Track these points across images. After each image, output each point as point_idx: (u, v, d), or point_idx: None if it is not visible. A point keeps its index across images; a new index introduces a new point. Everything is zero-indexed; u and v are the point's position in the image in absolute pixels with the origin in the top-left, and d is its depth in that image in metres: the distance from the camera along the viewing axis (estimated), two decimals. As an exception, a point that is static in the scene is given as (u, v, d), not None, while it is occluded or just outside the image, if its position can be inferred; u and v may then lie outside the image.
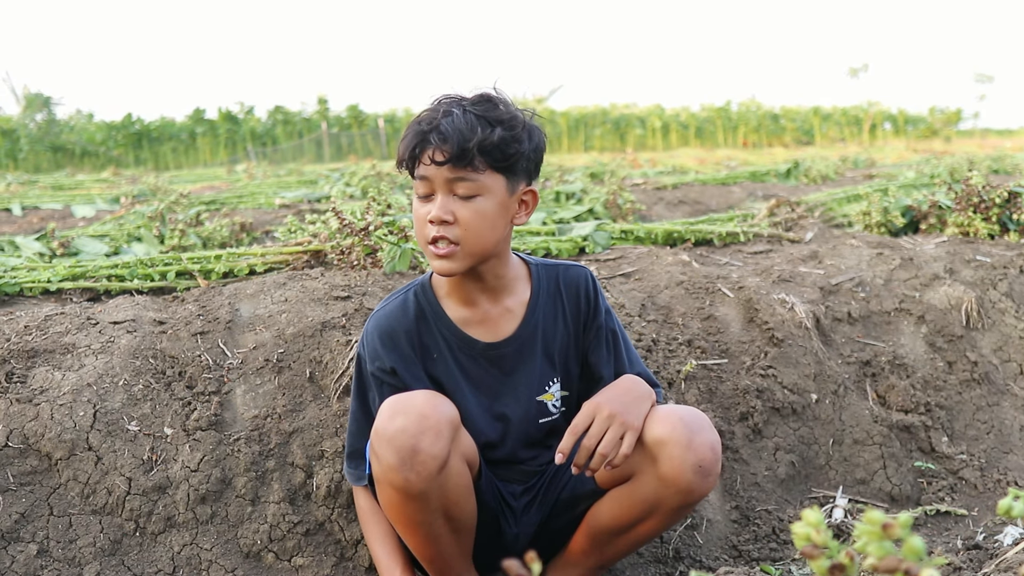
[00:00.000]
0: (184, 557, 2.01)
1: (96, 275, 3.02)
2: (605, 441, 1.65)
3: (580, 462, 1.67)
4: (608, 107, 29.58)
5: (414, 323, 1.78)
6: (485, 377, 1.80)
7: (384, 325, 1.78)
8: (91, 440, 2.08)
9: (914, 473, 2.56)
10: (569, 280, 1.87)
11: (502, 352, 1.80)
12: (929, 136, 30.04)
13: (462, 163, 1.62)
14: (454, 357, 1.78)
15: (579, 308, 1.86)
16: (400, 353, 1.76)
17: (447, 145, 1.60)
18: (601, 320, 1.88)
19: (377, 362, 1.76)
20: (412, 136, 1.65)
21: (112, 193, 8.58)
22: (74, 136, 24.00)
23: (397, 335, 1.76)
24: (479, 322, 1.79)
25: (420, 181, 1.66)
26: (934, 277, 3.18)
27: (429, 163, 1.63)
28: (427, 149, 1.63)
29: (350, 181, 7.18)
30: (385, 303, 1.84)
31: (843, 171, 9.85)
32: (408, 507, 1.61)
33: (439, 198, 1.64)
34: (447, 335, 1.78)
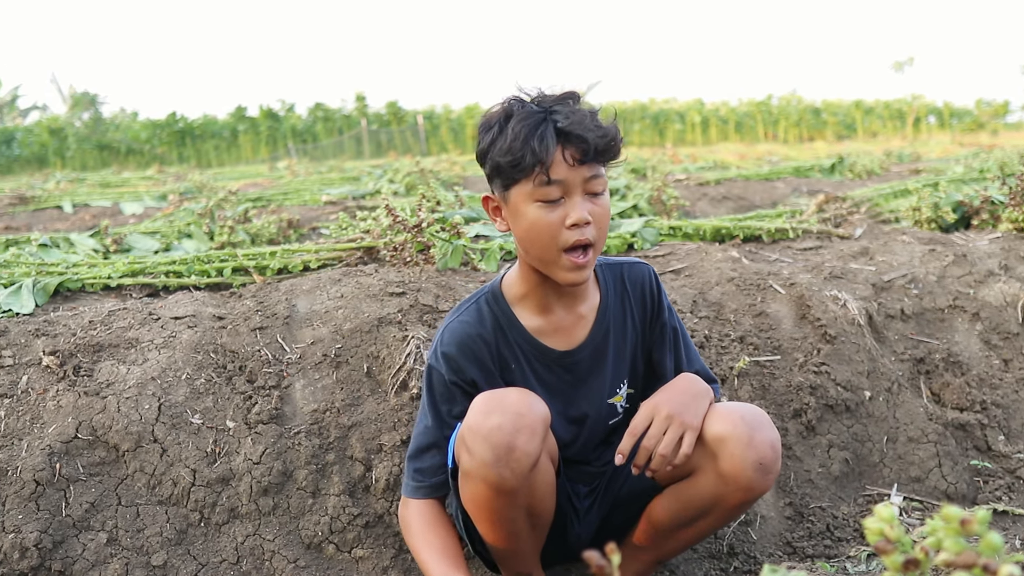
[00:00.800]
0: (247, 547, 2.06)
1: (154, 271, 3.09)
2: (665, 442, 1.65)
3: (640, 463, 1.67)
4: (647, 102, 29.41)
5: (492, 334, 1.74)
6: (559, 384, 1.80)
7: (463, 337, 1.73)
8: (156, 432, 2.14)
9: (970, 472, 2.54)
10: (634, 278, 1.86)
11: (576, 359, 1.80)
12: (975, 129, 29.45)
13: (599, 160, 1.59)
14: (530, 365, 1.77)
15: (645, 306, 1.86)
16: (480, 365, 1.73)
17: (589, 142, 1.55)
18: (665, 317, 1.88)
19: (459, 374, 1.72)
20: (548, 136, 1.56)
21: (159, 190, 8.74)
22: (119, 134, 24.44)
23: (477, 346, 1.73)
24: (553, 330, 1.78)
25: (552, 186, 1.57)
26: (988, 274, 3.14)
27: (571, 163, 1.56)
28: (565, 148, 1.56)
29: (394, 178, 7.24)
30: (457, 313, 1.78)
31: (888, 166, 9.72)
32: (497, 503, 1.60)
33: (576, 200, 1.59)
34: (522, 344, 1.76)
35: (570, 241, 1.60)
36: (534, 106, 1.60)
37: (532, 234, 1.62)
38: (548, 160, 1.56)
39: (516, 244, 1.71)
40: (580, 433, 1.84)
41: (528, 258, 1.69)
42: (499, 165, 1.60)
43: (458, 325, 1.75)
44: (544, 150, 1.55)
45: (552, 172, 1.57)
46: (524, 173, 1.58)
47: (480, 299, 1.79)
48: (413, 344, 2.31)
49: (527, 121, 1.57)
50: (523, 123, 1.57)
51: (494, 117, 1.63)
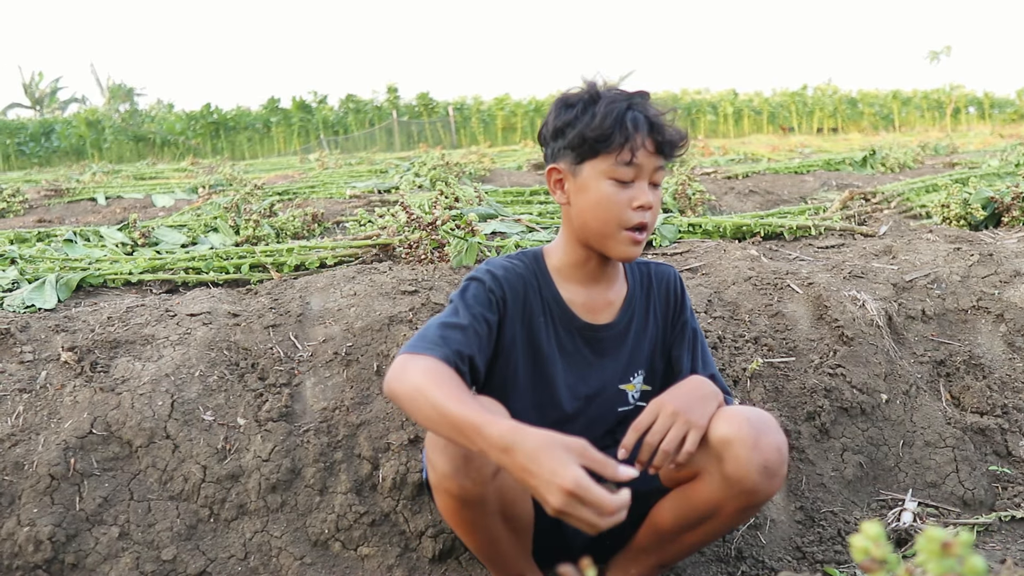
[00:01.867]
0: (255, 544, 2.08)
1: (174, 267, 3.13)
2: (668, 438, 1.65)
3: (643, 458, 1.67)
4: (679, 93, 29.19)
5: (531, 281, 1.80)
6: (576, 354, 1.83)
7: (508, 269, 1.78)
8: (169, 429, 2.17)
9: (988, 477, 2.50)
10: (660, 278, 1.93)
11: (598, 335, 1.84)
12: (1017, 120, 28.87)
13: (669, 155, 1.71)
14: (553, 326, 1.81)
15: (668, 305, 1.92)
16: (515, 297, 1.76)
17: (672, 136, 1.68)
18: (686, 317, 1.93)
19: (498, 290, 1.73)
20: (640, 120, 1.67)
21: (190, 183, 8.83)
22: (155, 126, 24.75)
23: (519, 283, 1.78)
24: (581, 304, 1.83)
25: (630, 167, 1.67)
26: (1015, 274, 3.07)
27: (652, 150, 1.67)
28: (651, 135, 1.67)
29: (419, 171, 7.24)
30: (504, 256, 1.85)
31: (922, 159, 9.55)
32: (466, 512, 1.63)
33: (643, 186, 1.69)
34: (552, 305, 1.81)
35: (633, 221, 1.69)
36: (617, 93, 1.70)
37: (598, 208, 1.70)
38: (635, 140, 1.66)
39: (570, 217, 1.78)
40: (585, 410, 1.85)
41: (584, 231, 1.75)
42: (584, 137, 1.68)
43: (504, 260, 1.81)
44: (635, 132, 1.66)
45: (636, 155, 1.67)
46: (608, 148, 1.67)
47: (522, 254, 1.85)
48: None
49: (618, 104, 1.67)
50: (614, 104, 1.67)
51: (576, 96, 1.72)
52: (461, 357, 1.60)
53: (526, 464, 1.34)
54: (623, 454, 1.69)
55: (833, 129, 28.40)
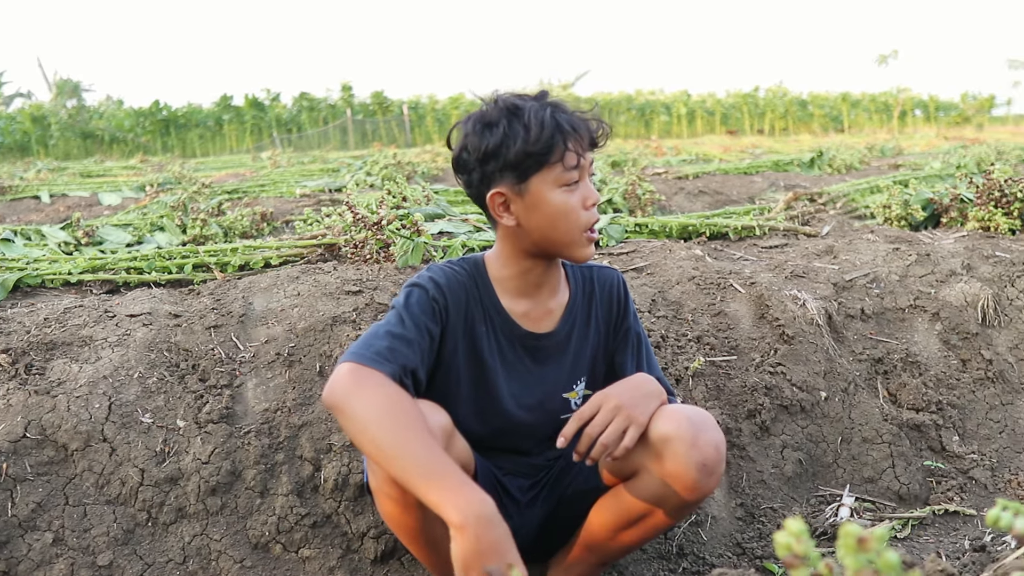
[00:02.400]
0: (194, 547, 2.05)
1: (115, 267, 3.07)
2: (608, 432, 1.66)
3: (582, 449, 1.69)
4: (633, 93, 29.39)
5: (471, 289, 1.79)
6: (518, 363, 1.83)
7: (450, 276, 1.77)
8: (106, 432, 2.13)
9: (923, 472, 2.56)
10: (602, 283, 1.92)
11: (539, 344, 1.83)
12: (961, 123, 29.57)
13: (597, 146, 1.74)
14: (495, 335, 1.80)
15: (611, 311, 1.92)
16: (456, 306, 1.75)
17: (597, 130, 1.71)
18: (630, 322, 1.93)
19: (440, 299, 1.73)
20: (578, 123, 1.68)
21: (138, 181, 8.67)
22: (103, 123, 24.25)
23: (460, 291, 1.77)
24: (521, 314, 1.82)
25: (574, 170, 1.67)
26: (951, 273, 3.15)
27: (585, 148, 1.69)
28: (583, 135, 1.68)
29: (371, 170, 7.20)
30: (446, 262, 1.83)
31: (869, 160, 9.74)
32: (407, 517, 1.61)
33: (588, 183, 1.72)
34: (493, 314, 1.80)
35: (590, 221, 1.71)
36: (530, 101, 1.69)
37: (559, 219, 1.69)
38: (574, 142, 1.67)
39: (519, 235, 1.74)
40: (528, 419, 1.86)
41: (544, 244, 1.73)
42: (528, 153, 1.64)
43: (446, 267, 1.80)
44: (572, 132, 1.66)
45: (584, 156, 1.69)
46: (554, 159, 1.65)
47: (463, 261, 1.84)
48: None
49: (543, 113, 1.65)
50: (540, 114, 1.65)
51: (495, 115, 1.67)
52: (406, 372, 1.59)
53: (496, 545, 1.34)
54: (562, 443, 1.70)
55: (784, 130, 28.82)
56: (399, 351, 1.59)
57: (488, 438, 1.84)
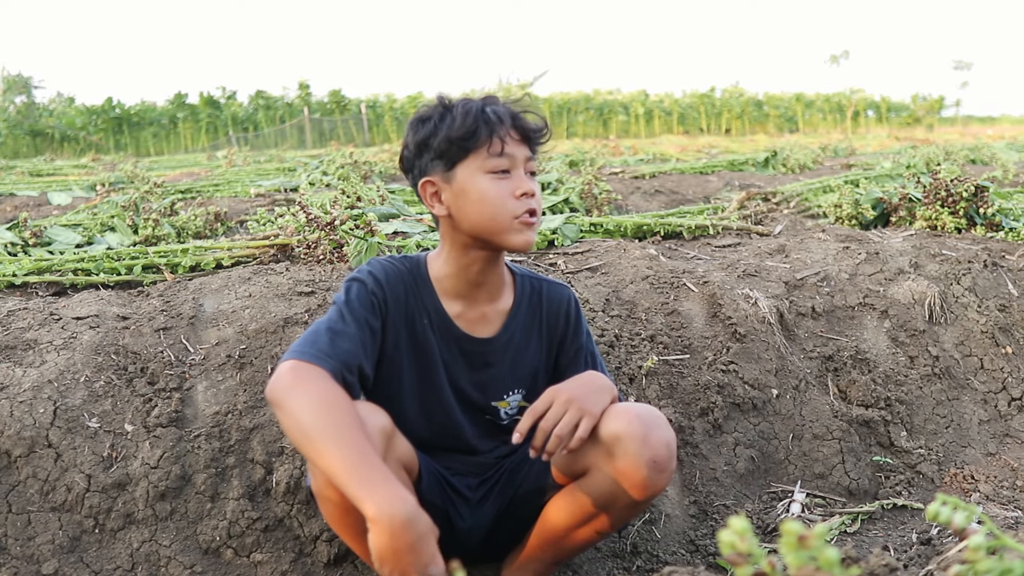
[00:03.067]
0: (143, 554, 2.02)
1: (62, 269, 3.01)
2: (562, 424, 1.67)
3: (538, 444, 1.69)
4: (591, 93, 29.53)
5: (411, 284, 1.79)
6: (453, 363, 1.83)
7: (389, 270, 1.78)
8: (51, 437, 2.08)
9: (872, 467, 2.60)
10: (552, 298, 1.91)
11: (476, 349, 1.83)
12: (912, 124, 30.16)
13: (537, 143, 1.74)
14: (433, 333, 1.80)
15: (557, 327, 1.91)
16: (395, 300, 1.76)
17: (530, 124, 1.71)
18: (581, 342, 1.93)
19: (379, 292, 1.73)
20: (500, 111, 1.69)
21: (89, 180, 8.51)
22: (54, 121, 23.78)
23: (399, 286, 1.77)
24: (458, 315, 1.82)
25: (500, 158, 1.68)
26: (899, 271, 3.21)
27: (516, 138, 1.70)
28: (511, 126, 1.69)
29: (327, 169, 7.14)
30: (387, 257, 1.83)
31: (822, 160, 9.89)
32: (349, 518, 1.60)
33: (520, 174, 1.71)
34: (432, 312, 1.80)
35: (520, 210, 1.70)
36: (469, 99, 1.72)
37: (484, 204, 1.70)
38: (501, 130, 1.68)
39: (453, 227, 1.76)
40: (467, 418, 1.87)
41: (476, 232, 1.72)
42: (451, 140, 1.68)
43: (388, 262, 1.80)
44: (497, 121, 1.68)
45: (505, 146, 1.69)
46: (477, 144, 1.68)
47: (404, 259, 1.84)
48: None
49: (473, 103, 1.70)
50: (470, 104, 1.70)
51: (429, 110, 1.74)
52: (349, 368, 1.60)
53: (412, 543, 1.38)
54: (517, 438, 1.71)
55: (741, 130, 29.15)
56: (340, 347, 1.60)
57: (434, 437, 1.84)
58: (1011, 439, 2.86)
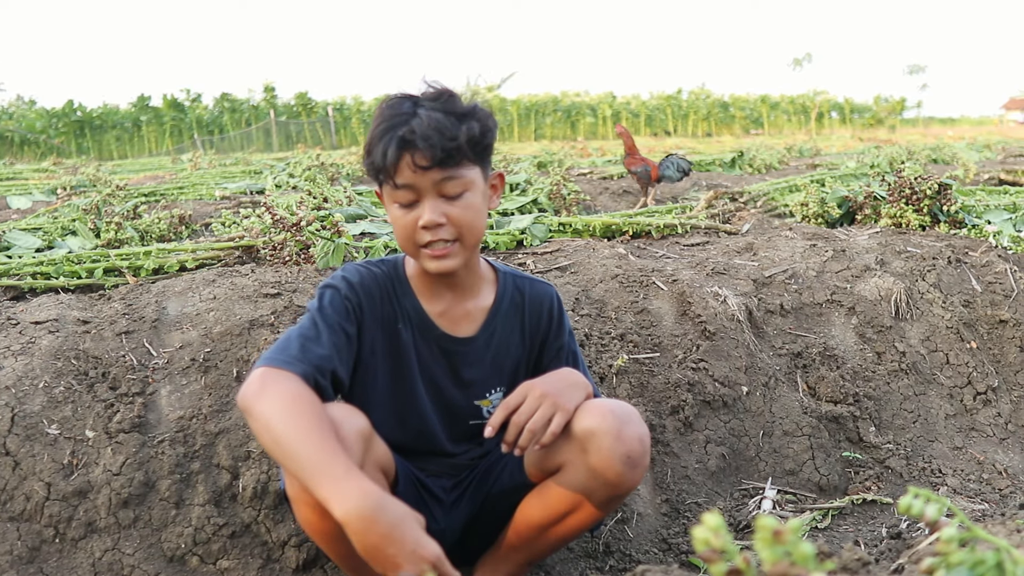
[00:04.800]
0: (105, 563, 1.97)
1: (20, 273, 2.94)
2: (535, 418, 1.66)
3: (510, 438, 1.67)
4: (559, 95, 29.60)
5: (388, 290, 1.77)
6: (434, 364, 1.81)
7: (365, 275, 1.75)
8: (8, 445, 2.03)
9: (842, 463, 2.61)
10: (534, 296, 1.89)
11: (456, 348, 1.81)
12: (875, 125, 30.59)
13: (450, 163, 1.60)
14: (412, 335, 1.78)
15: (539, 325, 1.89)
16: (372, 305, 1.74)
17: (433, 148, 1.56)
18: (564, 340, 1.91)
19: (354, 296, 1.72)
20: (392, 144, 1.58)
21: (50, 184, 8.36)
22: (13, 123, 23.34)
23: (375, 290, 1.75)
24: (439, 313, 1.80)
25: (402, 190, 1.61)
26: (865, 268, 3.23)
27: (415, 169, 1.58)
28: (410, 155, 1.58)
29: (294, 172, 7.07)
30: (363, 261, 1.81)
31: (788, 160, 9.97)
32: (325, 523, 1.57)
33: (428, 202, 1.62)
34: (411, 312, 1.78)
35: (423, 240, 1.65)
36: (407, 103, 1.63)
37: (395, 230, 1.70)
38: (392, 168, 1.61)
39: None
40: (443, 421, 1.85)
41: None
42: (368, 166, 1.67)
43: (363, 267, 1.78)
44: (386, 159, 1.59)
45: (398, 178, 1.62)
46: (382, 177, 1.64)
47: (381, 262, 1.82)
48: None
49: (382, 126, 1.62)
50: (381, 127, 1.62)
51: (376, 111, 1.67)
52: (322, 372, 1.59)
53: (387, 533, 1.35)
54: (489, 432, 1.69)
55: (708, 133, 29.37)
56: (312, 352, 1.59)
57: (408, 441, 1.82)
58: (976, 433, 2.89)
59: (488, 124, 1.66)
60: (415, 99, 1.63)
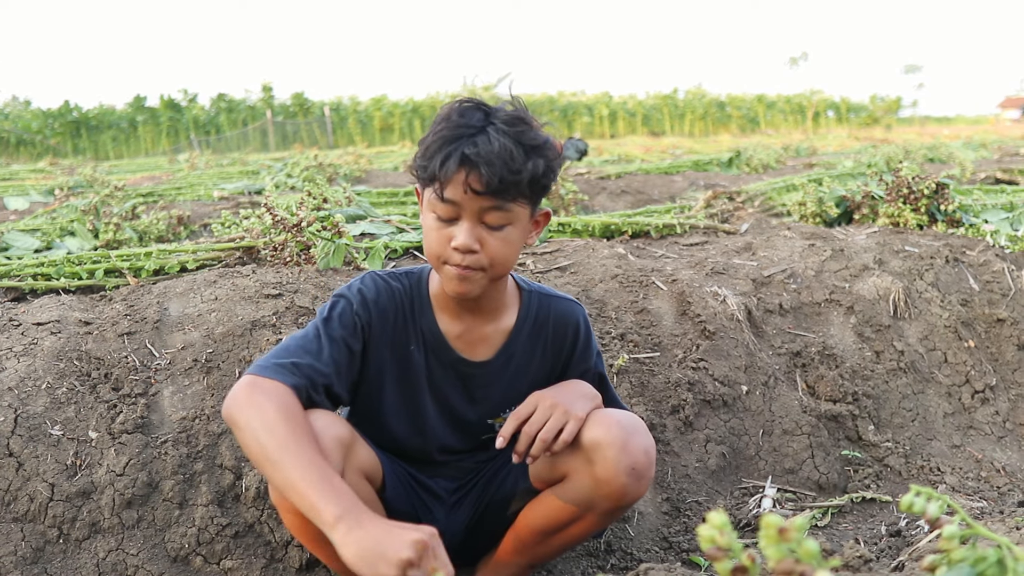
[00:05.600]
0: (109, 563, 1.97)
1: (21, 274, 2.95)
2: (547, 428, 1.65)
3: (521, 449, 1.67)
4: (555, 95, 29.62)
5: (406, 308, 1.75)
6: (445, 386, 1.80)
7: (384, 289, 1.73)
8: (12, 446, 2.03)
9: (841, 461, 2.62)
10: (559, 315, 1.85)
11: (472, 372, 1.80)
12: (871, 124, 30.62)
13: (502, 196, 1.54)
14: (425, 356, 1.77)
15: (563, 345, 1.85)
16: (384, 324, 1.72)
17: (492, 176, 1.51)
18: (590, 363, 1.88)
19: (365, 313, 1.69)
20: (453, 157, 1.52)
21: (47, 184, 8.36)
22: (9, 124, 23.30)
23: (390, 308, 1.73)
24: (457, 336, 1.78)
25: (446, 204, 1.56)
26: (864, 268, 3.24)
27: (466, 190, 1.53)
28: (466, 173, 1.52)
29: (292, 172, 7.08)
30: (386, 272, 1.77)
31: (784, 160, 9.99)
32: (310, 527, 1.55)
33: (466, 225, 1.57)
34: (426, 333, 1.76)
35: (453, 260, 1.60)
36: (478, 114, 1.57)
37: (424, 237, 1.66)
38: (445, 180, 1.55)
39: None
40: (451, 439, 1.85)
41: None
42: (417, 165, 1.61)
43: (383, 280, 1.75)
44: (444, 171, 1.54)
45: (447, 192, 1.56)
46: (431, 182, 1.58)
47: (406, 274, 1.79)
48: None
49: (449, 133, 1.55)
50: (444, 134, 1.55)
51: (441, 112, 1.61)
52: (314, 385, 1.58)
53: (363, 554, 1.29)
54: (500, 443, 1.69)
55: (704, 131, 29.40)
56: (306, 365, 1.58)
57: (417, 451, 1.83)
58: (975, 431, 2.91)
59: (553, 165, 1.60)
60: (488, 112, 1.57)
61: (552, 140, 1.62)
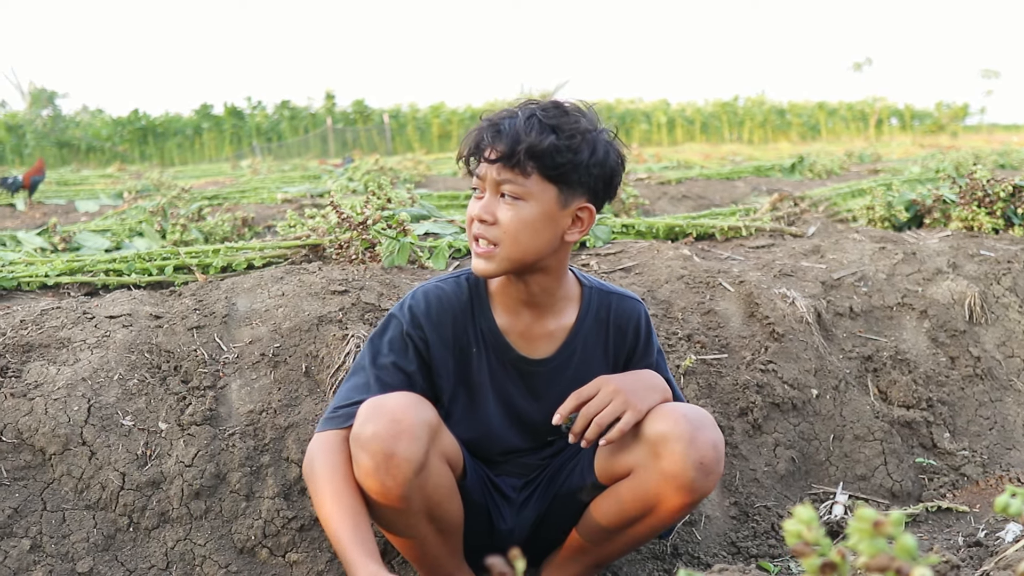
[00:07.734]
0: (177, 552, 2.00)
1: (94, 269, 3.01)
2: (604, 412, 1.64)
3: (577, 429, 1.66)
4: (613, 102, 29.50)
5: (463, 311, 1.76)
6: (508, 385, 1.79)
7: (435, 300, 1.75)
8: (85, 435, 2.07)
9: (915, 469, 2.54)
10: (621, 312, 1.84)
11: (533, 370, 1.79)
12: (935, 131, 29.89)
13: (510, 164, 1.59)
14: (487, 357, 1.77)
15: (624, 342, 1.84)
16: (440, 334, 1.74)
17: (499, 144, 1.59)
18: (652, 360, 1.87)
19: (418, 330, 1.72)
20: (474, 132, 1.65)
21: (116, 188, 8.58)
22: (80, 132, 24.01)
23: (446, 317, 1.74)
24: (518, 333, 1.77)
25: (475, 179, 1.66)
26: (937, 272, 3.15)
27: (483, 161, 1.63)
28: (483, 146, 1.62)
29: (353, 176, 7.16)
30: (438, 279, 1.81)
31: (848, 166, 9.80)
32: (389, 511, 1.59)
33: (486, 197, 1.64)
34: (487, 334, 1.76)
35: (473, 231, 1.67)
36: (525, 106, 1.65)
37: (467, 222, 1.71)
38: (471, 150, 1.65)
39: None
40: (517, 440, 1.84)
41: None
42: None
43: (434, 288, 1.77)
44: (471, 143, 1.65)
45: (472, 165, 1.66)
46: (461, 162, 1.68)
47: (463, 276, 1.80)
48: (353, 343, 2.26)
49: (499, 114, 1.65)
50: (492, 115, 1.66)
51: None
52: None
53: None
54: (558, 419, 1.69)
55: (763, 139, 29.01)
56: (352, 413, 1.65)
57: (482, 451, 1.83)
58: (1056, 442, 2.79)
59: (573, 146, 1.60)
60: (535, 104, 1.65)
61: (604, 135, 1.66)
